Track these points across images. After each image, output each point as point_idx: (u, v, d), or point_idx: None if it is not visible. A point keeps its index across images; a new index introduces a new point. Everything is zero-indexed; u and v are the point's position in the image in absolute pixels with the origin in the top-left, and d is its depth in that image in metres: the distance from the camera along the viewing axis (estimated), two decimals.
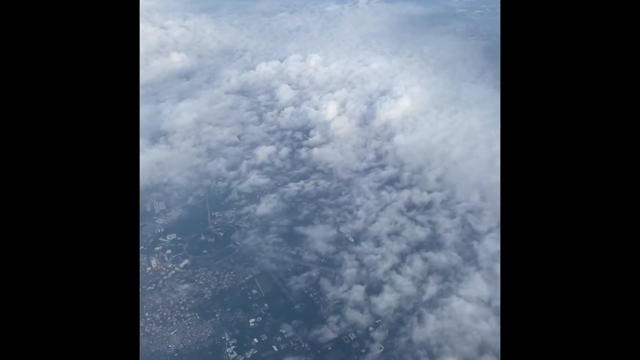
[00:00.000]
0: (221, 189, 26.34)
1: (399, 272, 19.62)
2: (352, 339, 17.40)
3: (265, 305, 20.35)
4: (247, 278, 22.03)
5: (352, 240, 21.87)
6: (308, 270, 20.98)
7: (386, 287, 18.83)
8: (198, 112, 33.48)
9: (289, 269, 21.32)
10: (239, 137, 30.94)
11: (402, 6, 51.21)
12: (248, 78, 37.94)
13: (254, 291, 21.31)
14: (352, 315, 17.68)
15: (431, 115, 29.90)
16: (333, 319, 17.91)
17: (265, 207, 24.65)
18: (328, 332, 17.46)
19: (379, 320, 17.53)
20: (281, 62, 39.68)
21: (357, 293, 18.73)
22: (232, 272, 22.41)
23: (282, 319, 19.04)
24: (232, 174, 27.33)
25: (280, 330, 18.81)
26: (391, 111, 30.96)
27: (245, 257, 22.70)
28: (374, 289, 19.00)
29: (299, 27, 48.53)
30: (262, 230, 23.62)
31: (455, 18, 48.14)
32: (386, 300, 18.05)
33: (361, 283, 19.31)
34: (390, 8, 50.96)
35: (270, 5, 55.70)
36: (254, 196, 25.54)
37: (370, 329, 17.36)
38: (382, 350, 16.37)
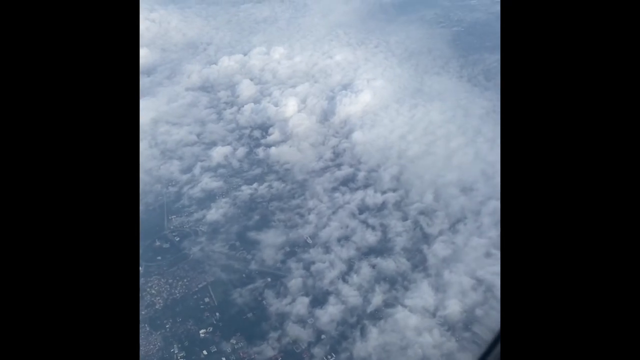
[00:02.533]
0: (171, 194, 25.52)
1: (345, 281, 19.01)
2: (295, 351, 16.93)
3: (217, 314, 19.84)
4: (200, 286, 21.47)
5: (310, 241, 21.38)
6: (253, 282, 20.39)
7: (331, 299, 18.24)
8: (156, 110, 32.36)
9: (238, 278, 20.76)
10: (197, 136, 30.14)
11: None
12: (210, 73, 36.74)
13: (207, 299, 20.72)
14: (294, 330, 17.10)
15: (391, 109, 29.11)
16: (274, 334, 17.34)
17: (215, 213, 23.90)
18: (268, 350, 16.91)
19: (323, 335, 16.99)
20: (245, 55, 38.46)
21: (301, 306, 18.15)
22: (185, 280, 21.79)
23: (233, 329, 18.58)
24: (185, 177, 26.48)
25: (231, 341, 18.41)
26: (351, 106, 30.12)
27: (199, 263, 22.06)
28: (318, 301, 18.43)
29: (267, 18, 47.10)
30: (213, 236, 22.95)
31: (427, 4, 47.00)
32: (330, 313, 17.47)
33: (306, 294, 18.73)
34: None
35: None
36: (205, 201, 24.77)
37: (312, 344, 16.82)
38: None
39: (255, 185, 25.41)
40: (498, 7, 30.01)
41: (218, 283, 21.31)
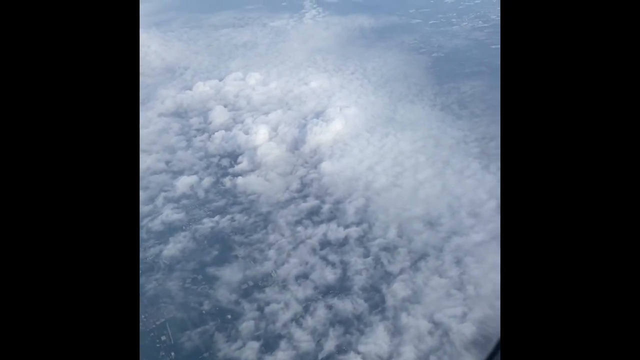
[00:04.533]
0: None
1: (299, 324, 18.14)
2: None
3: (172, 354, 19.03)
4: (157, 323, 20.70)
5: (275, 275, 20.57)
6: (205, 323, 19.49)
7: (283, 343, 17.34)
8: None
9: (195, 316, 19.89)
10: (166, 164, 29.44)
11: (355, 18, 49.68)
12: (184, 99, 36.21)
13: (163, 337, 19.89)
14: None
15: (362, 139, 28.53)
16: None
17: (173, 247, 23.04)
18: None
19: None
20: (220, 80, 37.98)
21: (250, 351, 17.21)
22: (143, 316, 21.02)
23: None
24: (147, 208, 25.70)
25: None
26: (322, 135, 29.54)
27: (156, 300, 21.21)
28: (269, 345, 17.52)
29: (247, 42, 46.84)
30: (170, 272, 22.06)
31: (408, 30, 46.95)
32: None
33: (257, 338, 17.81)
34: (342, 21, 49.40)
35: (223, 18, 54.01)
36: (164, 235, 23.93)
37: None
38: None
39: (217, 217, 24.61)
40: (478, 33, 30.09)
41: (175, 321, 20.40)
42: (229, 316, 19.58)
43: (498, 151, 20.11)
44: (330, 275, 20.02)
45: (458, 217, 20.90)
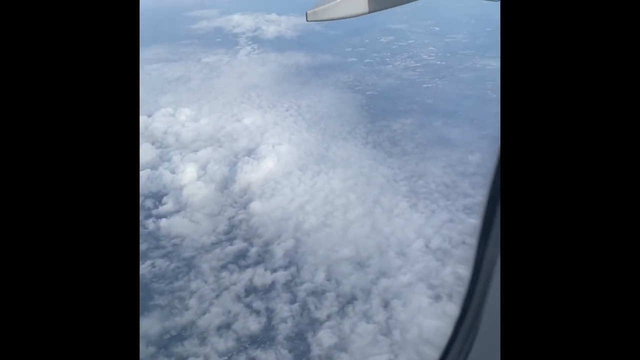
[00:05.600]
0: None
1: None
2: None
3: None
4: None
5: (195, 325, 19.16)
6: None
7: None
8: None
9: None
10: None
11: (291, 56, 50.04)
12: None
13: None
14: None
15: (294, 177, 28.03)
16: None
17: None
18: None
19: None
20: (149, 117, 36.62)
21: None
22: None
23: None
24: None
25: None
26: (253, 174, 28.79)
27: None
28: None
29: (180, 77, 45.75)
30: None
31: (344, 68, 47.76)
32: None
33: None
34: (279, 58, 49.55)
35: (157, 52, 52.77)
36: None
37: None
38: None
39: None
40: (410, 73, 30.72)
41: None
42: None
43: (425, 189, 20.18)
44: (254, 325, 18.89)
45: (386, 257, 20.62)
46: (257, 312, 19.23)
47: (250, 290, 20.47)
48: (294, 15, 55.97)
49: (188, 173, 29.05)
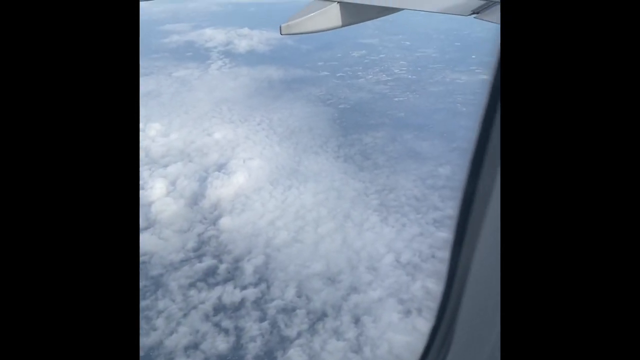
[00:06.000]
0: None
1: None
2: None
3: None
4: None
5: (161, 347, 18.60)
6: None
7: None
8: None
9: None
10: None
11: (263, 70, 50.08)
12: None
13: None
14: None
15: (265, 192, 27.78)
16: None
17: None
18: None
19: None
20: None
21: None
22: None
23: None
24: None
25: None
26: (223, 189, 28.45)
27: None
28: None
29: (150, 92, 45.17)
30: None
31: (316, 82, 47.95)
32: None
33: None
34: (251, 72, 49.46)
35: None
36: None
37: None
38: None
39: None
40: (382, 86, 31.01)
41: None
42: None
43: (396, 203, 20.18)
44: (222, 344, 18.48)
45: (357, 272, 20.52)
46: (226, 331, 18.83)
47: (219, 308, 20.06)
48: (266, 29, 56.11)
49: (157, 189, 28.53)
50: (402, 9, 6.54)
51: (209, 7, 64.66)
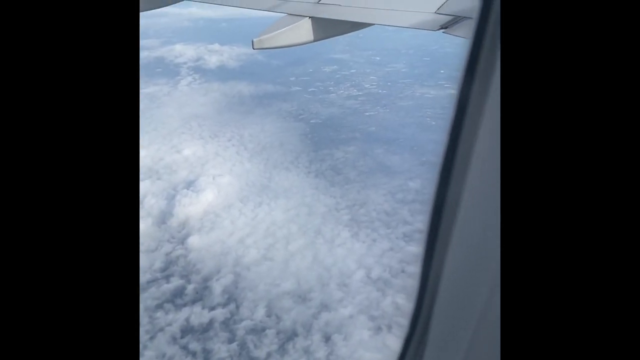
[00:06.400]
0: None
1: None
2: None
3: None
4: None
5: None
6: None
7: None
8: None
9: None
10: None
11: (234, 85, 49.86)
12: None
13: None
14: None
15: (234, 209, 27.41)
16: None
17: None
18: None
19: None
20: None
21: None
22: None
23: None
24: None
25: None
26: (192, 207, 27.96)
27: None
28: None
29: None
30: None
31: (287, 97, 47.97)
32: None
33: None
34: (221, 87, 49.17)
35: None
36: None
37: None
38: None
39: None
40: (353, 101, 31.13)
41: None
42: None
43: (367, 218, 20.12)
44: None
45: (327, 290, 20.31)
46: (194, 354, 18.33)
47: (187, 330, 19.52)
48: (237, 45, 56.03)
49: None
50: (372, 24, 6.64)
51: (180, 23, 64.33)
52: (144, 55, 57.32)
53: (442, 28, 5.24)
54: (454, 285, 1.20)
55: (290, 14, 6.68)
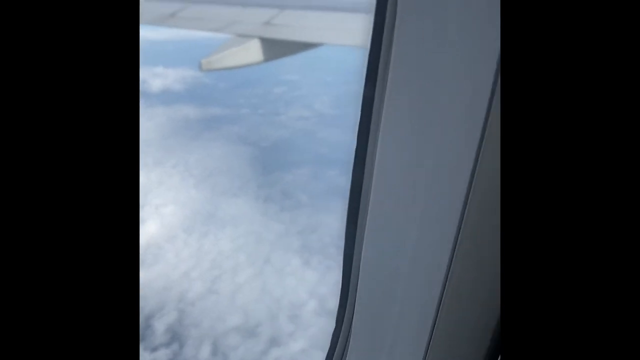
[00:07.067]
0: None
1: None
2: None
3: None
4: None
5: None
6: None
7: None
8: None
9: None
10: None
11: (179, 109, 48.47)
12: None
13: None
14: None
15: (179, 240, 26.04)
16: None
17: None
18: None
19: None
20: None
21: None
22: None
23: None
24: None
25: None
26: None
27: None
28: None
29: None
30: None
31: (236, 120, 47.02)
32: None
33: None
34: (166, 111, 47.61)
35: None
36: None
37: None
38: None
39: None
40: (304, 122, 30.34)
41: None
42: None
43: (319, 244, 19.17)
44: None
45: (277, 323, 19.33)
46: None
47: None
48: (182, 67, 54.82)
49: None
50: (323, 44, 6.61)
51: None
52: None
53: None
54: (371, 279, 1.31)
55: (239, 35, 6.75)
